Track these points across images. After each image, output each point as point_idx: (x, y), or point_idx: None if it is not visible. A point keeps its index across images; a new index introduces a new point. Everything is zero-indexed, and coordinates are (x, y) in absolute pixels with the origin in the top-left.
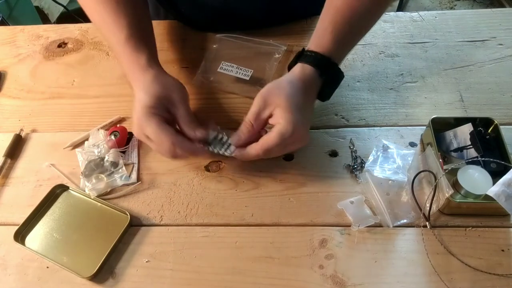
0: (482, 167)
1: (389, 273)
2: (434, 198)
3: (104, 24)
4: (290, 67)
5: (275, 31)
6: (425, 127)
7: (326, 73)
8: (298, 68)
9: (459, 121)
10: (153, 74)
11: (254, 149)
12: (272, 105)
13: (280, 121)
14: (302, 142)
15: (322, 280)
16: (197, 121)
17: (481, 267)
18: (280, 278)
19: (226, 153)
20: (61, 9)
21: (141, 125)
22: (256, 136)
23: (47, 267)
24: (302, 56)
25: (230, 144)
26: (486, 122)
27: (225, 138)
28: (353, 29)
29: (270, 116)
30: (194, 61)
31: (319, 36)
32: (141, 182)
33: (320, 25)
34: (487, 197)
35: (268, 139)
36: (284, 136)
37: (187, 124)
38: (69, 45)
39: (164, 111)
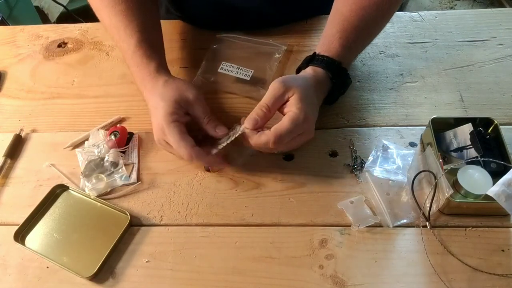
0: (482, 167)
1: (389, 273)
2: (434, 198)
3: (114, 29)
4: (298, 70)
5: (275, 31)
6: (425, 127)
7: (337, 77)
8: (310, 70)
9: (459, 121)
10: (163, 80)
11: (266, 135)
12: (292, 90)
13: (292, 109)
14: (309, 135)
15: (322, 280)
16: (216, 118)
17: (481, 267)
18: (280, 278)
19: (237, 133)
20: (61, 9)
21: (163, 132)
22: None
23: (47, 267)
24: (314, 59)
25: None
26: (486, 122)
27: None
28: (361, 36)
29: (287, 100)
30: (194, 61)
31: (328, 42)
32: (141, 182)
33: (328, 31)
34: (487, 197)
35: (281, 125)
36: (297, 122)
37: (206, 123)
38: (69, 45)
39: (184, 115)
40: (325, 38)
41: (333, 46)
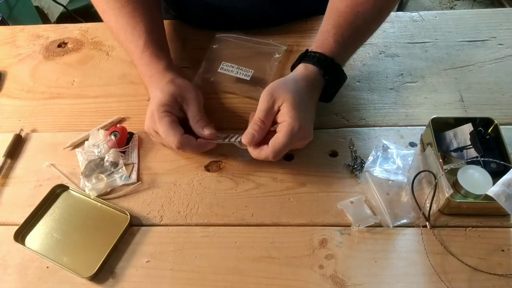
0: (482, 167)
1: (389, 273)
2: (434, 198)
3: (121, 30)
4: (293, 68)
5: (275, 31)
6: (425, 127)
7: (329, 73)
8: (302, 67)
9: (459, 121)
10: (170, 77)
11: (265, 152)
12: (280, 99)
13: (286, 119)
14: (307, 139)
15: (322, 280)
16: (207, 120)
17: (481, 267)
18: (280, 278)
19: (237, 140)
20: (61, 9)
21: (154, 121)
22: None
23: (47, 267)
24: (306, 56)
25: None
26: (486, 122)
27: (231, 135)
28: (356, 32)
29: (279, 110)
30: (194, 61)
31: (322, 39)
32: (141, 182)
33: (323, 28)
34: (487, 197)
35: (277, 140)
36: (292, 133)
37: (196, 122)
38: (69, 45)
39: (177, 110)
40: (320, 35)
41: (327, 42)
